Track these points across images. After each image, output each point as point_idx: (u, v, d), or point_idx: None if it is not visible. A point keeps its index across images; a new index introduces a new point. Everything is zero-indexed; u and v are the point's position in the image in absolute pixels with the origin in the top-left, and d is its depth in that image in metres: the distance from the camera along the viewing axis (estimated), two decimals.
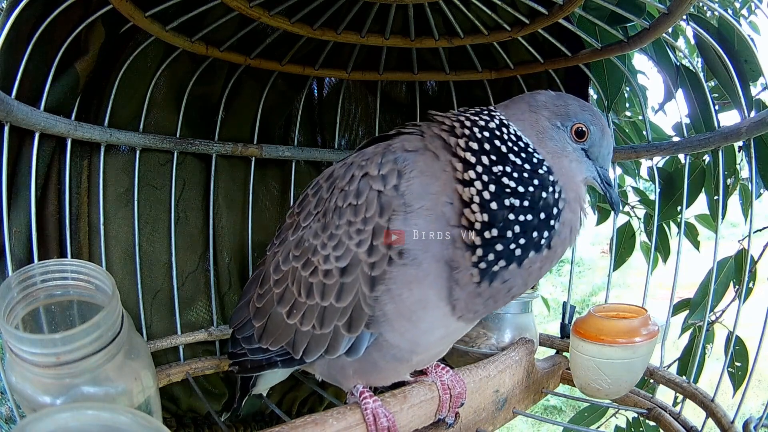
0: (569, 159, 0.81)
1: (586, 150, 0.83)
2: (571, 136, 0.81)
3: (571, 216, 0.78)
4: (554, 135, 0.81)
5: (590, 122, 0.82)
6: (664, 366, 1.19)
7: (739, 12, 2.07)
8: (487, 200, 0.73)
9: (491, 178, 0.74)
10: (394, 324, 0.78)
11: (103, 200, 1.12)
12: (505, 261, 0.74)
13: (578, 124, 0.81)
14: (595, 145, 0.83)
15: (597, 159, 0.84)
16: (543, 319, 3.70)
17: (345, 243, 0.79)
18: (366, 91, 1.49)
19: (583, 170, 0.83)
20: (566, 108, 0.82)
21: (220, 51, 1.17)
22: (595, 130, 0.82)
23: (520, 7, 1.08)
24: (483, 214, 0.73)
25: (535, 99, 0.84)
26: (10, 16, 0.81)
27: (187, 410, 1.30)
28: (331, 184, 0.86)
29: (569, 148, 0.81)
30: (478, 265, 0.74)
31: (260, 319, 0.92)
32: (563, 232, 0.77)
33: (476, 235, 0.73)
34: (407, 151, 0.80)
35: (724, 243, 1.22)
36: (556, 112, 0.82)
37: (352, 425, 0.80)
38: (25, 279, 0.71)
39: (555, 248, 0.77)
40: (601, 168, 0.84)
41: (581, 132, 0.81)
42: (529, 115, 0.82)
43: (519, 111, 0.83)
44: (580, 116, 0.82)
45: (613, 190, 0.85)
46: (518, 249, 0.74)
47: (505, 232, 0.73)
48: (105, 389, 0.69)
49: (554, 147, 0.80)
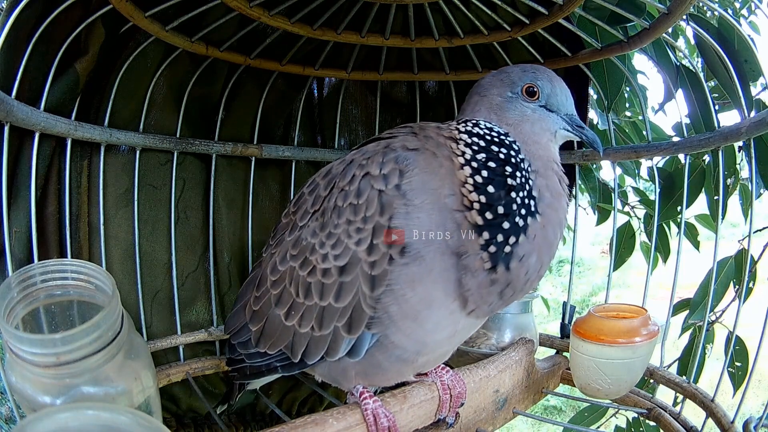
0: (530, 122, 0.84)
1: (544, 106, 0.85)
2: (524, 98, 0.84)
3: (544, 182, 0.80)
4: (509, 106, 0.84)
5: (536, 78, 0.85)
6: (664, 366, 1.19)
7: (739, 12, 2.07)
8: (482, 184, 0.76)
9: (483, 164, 0.77)
10: (399, 324, 0.78)
11: (103, 200, 1.12)
12: (515, 237, 0.75)
13: (526, 84, 0.84)
14: (551, 96, 0.86)
15: (559, 109, 0.86)
16: (543, 319, 3.70)
17: (344, 242, 0.78)
18: (366, 91, 1.49)
19: (549, 126, 0.85)
20: (509, 76, 0.86)
21: (220, 51, 1.17)
22: (544, 84, 0.85)
23: (520, 7, 1.08)
24: (481, 195, 0.75)
25: (481, 85, 0.88)
26: (10, 16, 0.81)
27: (187, 410, 1.30)
28: (330, 183, 0.85)
29: (528, 111, 0.84)
30: (488, 248, 0.74)
31: (257, 322, 0.91)
32: (544, 197, 0.79)
33: (478, 214, 0.74)
34: (408, 149, 0.80)
35: (724, 243, 1.22)
36: (503, 85, 0.85)
37: (352, 425, 0.80)
38: (25, 279, 0.72)
39: (545, 213, 0.78)
40: (566, 115, 0.86)
41: (532, 91, 0.85)
42: (482, 101, 0.86)
43: (474, 104, 0.87)
44: (525, 77, 0.85)
45: (587, 131, 0.87)
46: (520, 219, 0.76)
47: (506, 209, 0.75)
48: (105, 389, 0.69)
49: (514, 117, 0.84)
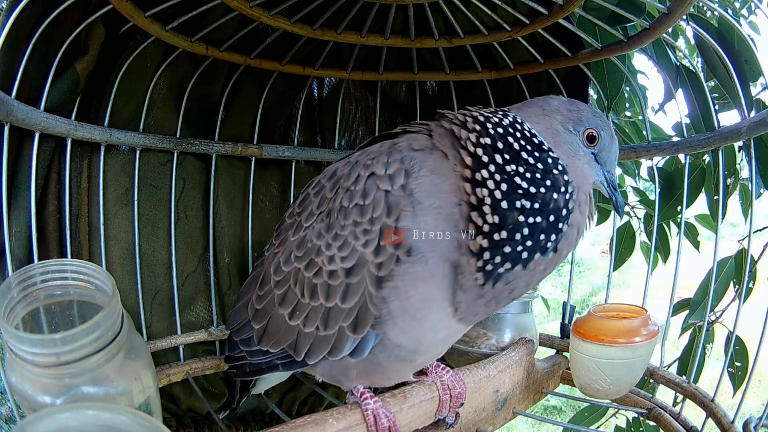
0: (582, 162, 0.83)
1: (595, 155, 0.85)
2: (582, 140, 0.83)
3: (579, 218, 0.79)
4: (567, 138, 0.82)
5: (601, 128, 0.84)
6: (664, 366, 1.19)
7: (739, 12, 2.07)
8: (498, 200, 0.72)
9: (503, 177, 0.73)
10: (398, 322, 0.78)
11: (103, 200, 1.12)
12: (510, 264, 0.74)
13: (590, 129, 0.83)
14: (605, 150, 0.85)
15: (605, 164, 0.86)
16: (543, 319, 3.70)
17: (351, 243, 0.78)
18: (366, 91, 1.49)
19: (593, 173, 0.85)
20: (579, 113, 0.84)
21: (220, 51, 1.17)
22: (605, 136, 0.85)
23: (520, 7, 1.08)
24: (494, 216, 0.72)
25: (549, 103, 0.85)
26: (10, 16, 0.81)
27: (187, 410, 1.30)
28: (335, 184, 0.85)
29: (581, 152, 0.83)
30: (484, 268, 0.74)
31: (260, 321, 0.91)
32: (570, 234, 0.78)
33: (484, 237, 0.72)
34: (414, 150, 0.79)
35: (724, 243, 1.22)
36: (569, 117, 0.83)
37: (353, 425, 0.80)
38: (25, 279, 0.71)
39: (561, 251, 0.78)
40: (608, 173, 0.87)
41: (593, 137, 0.83)
42: (543, 118, 0.83)
43: (533, 113, 0.84)
44: (592, 122, 0.84)
45: (618, 194, 0.88)
46: (525, 252, 0.74)
47: (513, 235, 0.72)
48: (105, 389, 0.69)
49: (568, 150, 0.82)
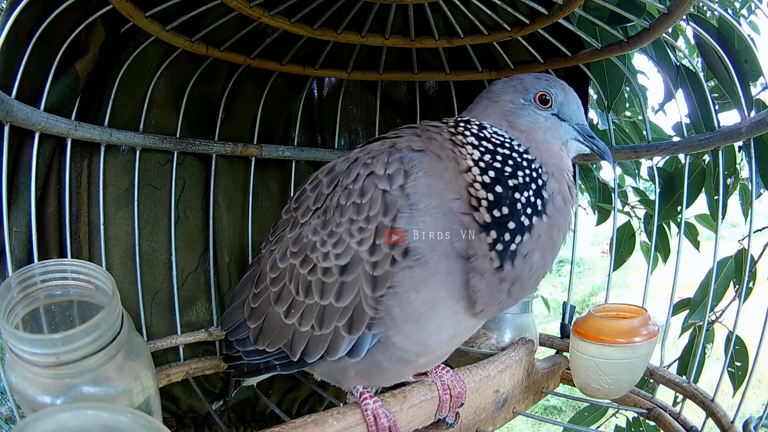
0: (543, 130, 0.84)
1: (556, 114, 0.86)
2: (537, 106, 0.84)
3: (557, 185, 0.80)
4: (521, 113, 0.84)
5: (549, 86, 0.85)
6: (664, 366, 1.19)
7: (739, 12, 2.07)
8: (490, 183, 0.76)
9: (489, 164, 0.78)
10: (401, 326, 0.78)
11: (103, 200, 1.12)
12: (520, 235, 0.75)
13: (539, 92, 0.85)
14: (563, 105, 0.86)
15: (570, 118, 0.87)
16: (543, 319, 3.70)
17: (346, 241, 0.78)
18: (366, 91, 1.49)
19: (561, 135, 0.85)
20: (522, 84, 0.86)
21: (220, 51, 1.17)
22: (557, 92, 0.85)
23: (520, 7, 1.08)
24: (489, 194, 0.75)
25: (491, 91, 0.88)
26: (10, 16, 0.81)
27: (187, 410, 1.30)
28: (333, 180, 0.85)
29: (540, 119, 0.84)
30: (495, 247, 0.74)
31: (256, 319, 0.91)
32: (555, 200, 0.79)
33: (486, 212, 0.75)
34: (414, 150, 0.80)
35: (724, 243, 1.22)
36: (516, 92, 0.85)
37: (353, 425, 0.80)
38: (25, 279, 0.71)
39: (553, 216, 0.78)
40: (577, 125, 0.87)
41: (545, 99, 0.85)
42: (492, 107, 0.86)
43: (483, 108, 0.87)
44: (538, 85, 0.85)
45: (597, 141, 0.87)
46: (526, 219, 0.76)
47: (512, 209, 0.75)
48: (105, 389, 0.69)
49: (526, 124, 0.84)
